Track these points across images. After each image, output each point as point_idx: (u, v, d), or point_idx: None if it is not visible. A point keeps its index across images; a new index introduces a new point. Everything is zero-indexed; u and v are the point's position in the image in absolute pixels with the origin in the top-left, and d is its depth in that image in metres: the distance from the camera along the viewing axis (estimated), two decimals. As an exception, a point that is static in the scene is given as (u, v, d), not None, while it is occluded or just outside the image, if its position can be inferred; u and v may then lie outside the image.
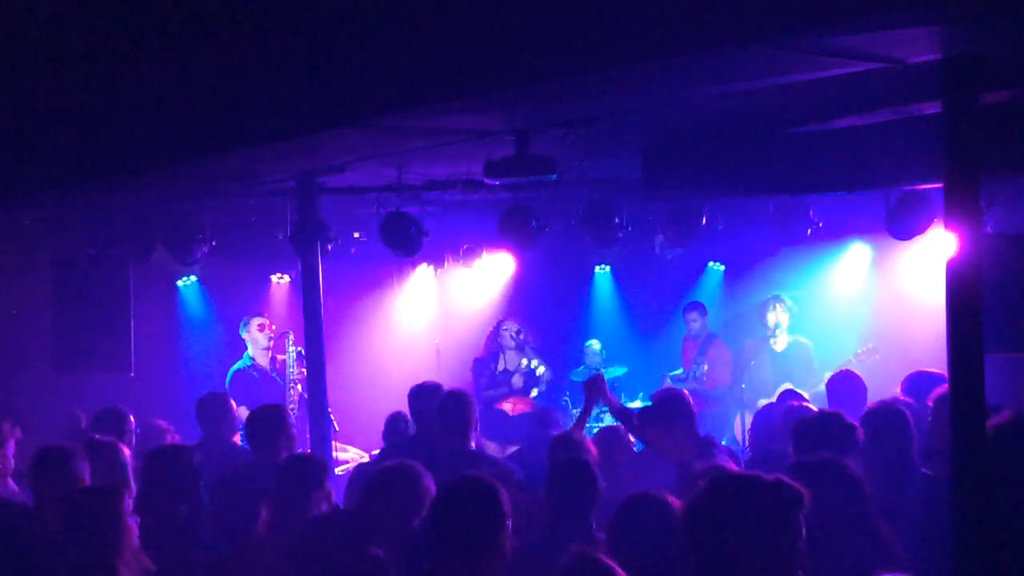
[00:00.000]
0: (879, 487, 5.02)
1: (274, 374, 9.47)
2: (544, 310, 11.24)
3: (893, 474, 5.29)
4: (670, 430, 5.85)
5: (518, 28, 4.82)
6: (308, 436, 8.10)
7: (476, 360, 10.42)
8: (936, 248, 9.43)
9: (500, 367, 10.20)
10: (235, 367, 9.43)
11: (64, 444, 5.59)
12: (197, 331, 10.86)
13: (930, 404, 5.93)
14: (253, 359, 9.44)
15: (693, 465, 5.41)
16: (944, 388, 5.19)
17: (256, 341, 9.43)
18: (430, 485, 4.69)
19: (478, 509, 3.83)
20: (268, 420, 6.19)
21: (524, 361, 10.18)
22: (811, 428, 5.29)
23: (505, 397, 10.04)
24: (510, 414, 9.95)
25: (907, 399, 6.20)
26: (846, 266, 10.74)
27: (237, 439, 7.31)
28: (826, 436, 5.14)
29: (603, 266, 11.50)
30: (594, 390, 6.99)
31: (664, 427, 5.90)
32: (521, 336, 10.21)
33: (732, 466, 5.47)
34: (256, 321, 9.48)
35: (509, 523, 3.88)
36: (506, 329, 10.24)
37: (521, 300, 11.34)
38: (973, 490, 4.72)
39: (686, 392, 6.41)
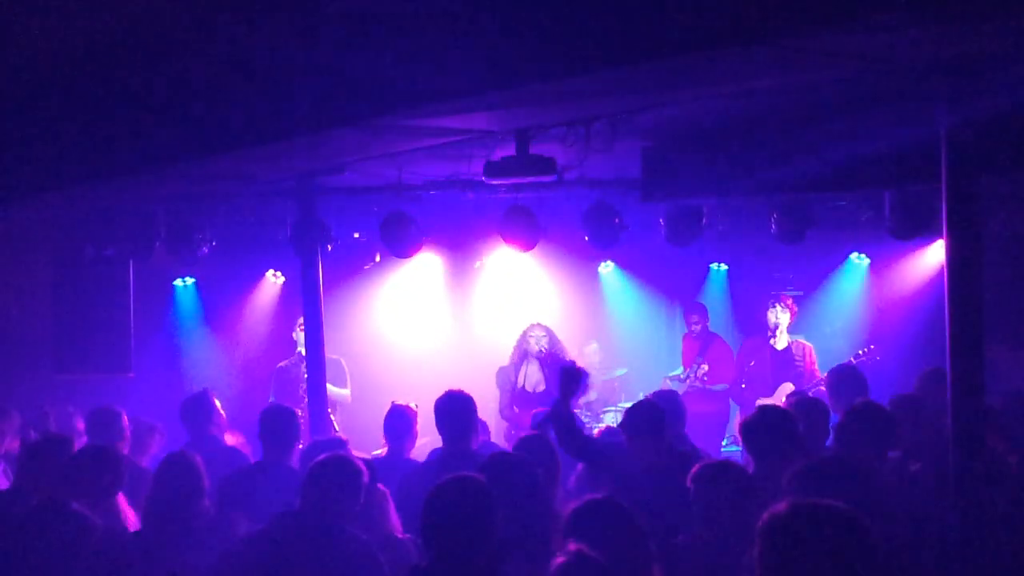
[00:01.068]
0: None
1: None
2: (545, 309, 11.23)
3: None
4: (643, 440, 5.79)
5: (517, 28, 4.83)
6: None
7: (501, 370, 9.59)
8: (935, 250, 9.48)
9: (520, 381, 9.32)
10: (281, 364, 9.54)
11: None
12: (196, 331, 10.86)
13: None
14: (300, 356, 9.42)
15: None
16: None
17: (299, 340, 9.41)
18: (365, 473, 4.76)
19: (469, 508, 3.84)
20: (279, 421, 6.17)
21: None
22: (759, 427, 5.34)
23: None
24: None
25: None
26: (847, 267, 10.77)
27: (234, 439, 7.25)
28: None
29: (607, 263, 11.45)
30: (571, 382, 5.91)
31: (636, 438, 5.83)
32: (545, 347, 9.30)
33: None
34: (300, 321, 9.47)
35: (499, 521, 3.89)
36: (532, 336, 9.41)
37: (524, 300, 11.34)
38: (973, 488, 4.74)
39: (656, 402, 6.22)
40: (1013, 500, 4.97)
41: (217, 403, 7.06)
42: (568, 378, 5.91)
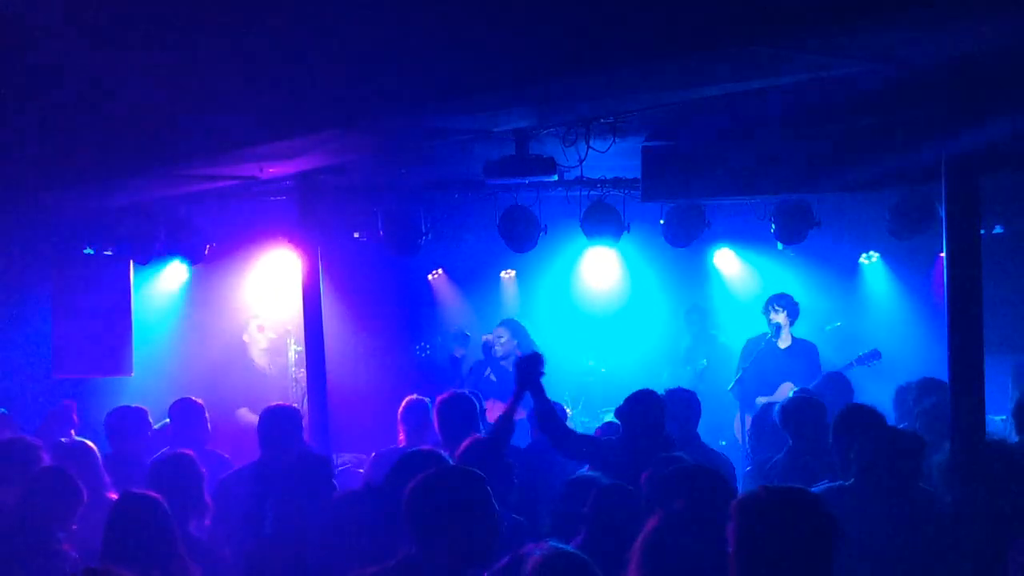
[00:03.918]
0: None
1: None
2: (544, 307, 11.23)
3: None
4: (643, 429, 5.79)
5: (518, 29, 4.83)
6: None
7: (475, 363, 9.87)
8: (933, 251, 9.47)
9: (487, 372, 9.62)
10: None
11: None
12: (195, 330, 10.84)
13: None
14: (253, 359, 9.43)
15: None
16: None
17: (255, 342, 9.41)
18: None
19: (463, 495, 3.85)
20: (282, 420, 6.13)
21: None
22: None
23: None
24: (489, 420, 9.76)
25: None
26: (852, 267, 10.77)
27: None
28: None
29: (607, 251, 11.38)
30: (528, 373, 5.66)
31: (636, 426, 5.83)
32: (510, 348, 9.50)
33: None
34: (255, 322, 9.47)
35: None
36: (495, 337, 9.66)
37: (521, 299, 11.34)
38: (972, 492, 4.74)
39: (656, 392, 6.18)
40: None
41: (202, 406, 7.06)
42: (524, 368, 5.70)
